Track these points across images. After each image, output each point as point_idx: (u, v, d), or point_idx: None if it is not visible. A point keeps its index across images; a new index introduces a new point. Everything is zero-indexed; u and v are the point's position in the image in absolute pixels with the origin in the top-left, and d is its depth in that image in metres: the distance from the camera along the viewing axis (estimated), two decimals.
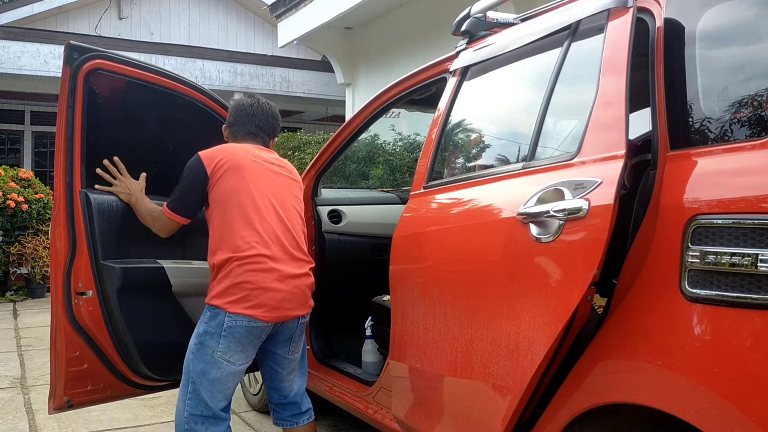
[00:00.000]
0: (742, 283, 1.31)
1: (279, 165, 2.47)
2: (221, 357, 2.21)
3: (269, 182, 2.36)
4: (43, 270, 7.75)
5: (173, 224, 2.38)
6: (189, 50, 9.73)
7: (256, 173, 2.33)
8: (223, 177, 2.28)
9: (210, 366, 2.22)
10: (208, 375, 2.22)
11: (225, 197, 2.27)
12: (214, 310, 2.22)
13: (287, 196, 2.41)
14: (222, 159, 2.31)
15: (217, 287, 2.23)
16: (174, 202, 2.36)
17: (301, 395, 2.49)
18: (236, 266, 2.20)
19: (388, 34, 7.43)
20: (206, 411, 2.24)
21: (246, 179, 2.30)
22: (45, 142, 10.77)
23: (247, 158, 2.35)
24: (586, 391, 1.62)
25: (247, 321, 2.19)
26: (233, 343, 2.21)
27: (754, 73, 1.53)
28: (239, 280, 2.19)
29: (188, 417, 2.25)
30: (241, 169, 2.31)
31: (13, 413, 3.69)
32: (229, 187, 2.28)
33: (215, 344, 2.21)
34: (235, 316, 2.18)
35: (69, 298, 2.45)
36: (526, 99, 2.14)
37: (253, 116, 2.50)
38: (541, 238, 1.67)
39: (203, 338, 2.23)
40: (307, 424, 2.49)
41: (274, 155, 2.51)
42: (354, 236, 3.40)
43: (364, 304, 3.15)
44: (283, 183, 2.43)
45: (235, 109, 2.53)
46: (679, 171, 1.51)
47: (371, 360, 3.04)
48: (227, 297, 2.20)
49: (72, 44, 2.45)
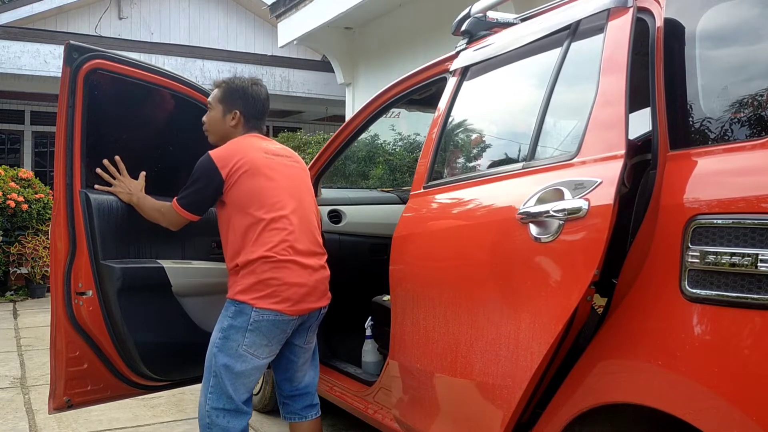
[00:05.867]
0: (742, 283, 1.31)
1: (287, 156, 2.47)
2: (246, 351, 2.23)
3: (285, 178, 2.36)
4: (43, 270, 7.75)
5: (184, 220, 2.38)
6: (189, 50, 9.73)
7: (273, 172, 2.33)
8: (240, 180, 2.27)
9: (235, 360, 2.24)
10: (233, 369, 2.24)
11: (245, 200, 2.27)
12: (240, 305, 2.23)
13: (303, 189, 2.43)
14: (237, 161, 2.29)
15: (243, 282, 2.24)
16: (185, 199, 2.34)
17: (313, 386, 2.50)
18: (261, 263, 2.22)
19: (388, 34, 7.43)
20: (229, 404, 2.26)
21: (265, 180, 2.29)
22: (45, 142, 10.76)
23: (261, 157, 2.34)
24: (586, 391, 1.62)
25: (273, 315, 2.22)
26: (259, 337, 2.23)
27: (754, 73, 1.53)
28: (266, 276, 2.21)
29: (210, 410, 2.27)
30: (258, 171, 2.30)
31: (13, 413, 3.69)
32: (248, 189, 2.27)
33: (241, 338, 2.22)
34: (262, 311, 2.21)
35: (69, 298, 2.45)
36: (526, 99, 2.14)
37: (259, 101, 2.48)
38: (540, 238, 1.67)
39: (228, 332, 2.24)
40: (316, 419, 2.50)
41: (278, 145, 2.50)
42: (354, 236, 3.40)
43: (364, 304, 3.15)
44: (296, 176, 2.43)
45: (243, 93, 2.46)
46: (679, 171, 1.51)
47: (371, 360, 3.04)
48: (254, 293, 2.22)
49: (72, 44, 2.45)
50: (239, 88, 2.47)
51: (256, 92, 2.48)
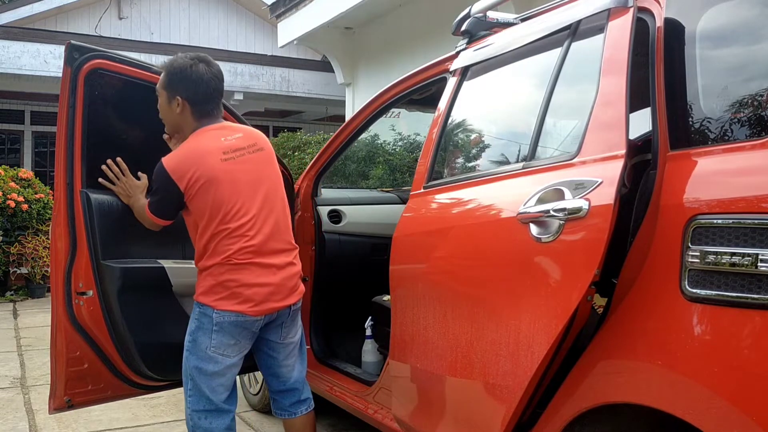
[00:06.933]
0: (742, 283, 1.32)
1: (250, 145, 2.32)
2: (215, 352, 2.22)
3: (246, 176, 2.25)
4: (43, 270, 7.75)
5: (157, 224, 2.36)
6: (189, 50, 9.70)
7: (232, 175, 2.23)
8: (198, 193, 2.20)
9: (206, 362, 2.23)
10: (205, 370, 2.23)
11: (206, 212, 2.21)
12: (203, 307, 2.22)
13: (267, 180, 2.32)
14: (193, 174, 2.19)
15: (203, 284, 2.23)
16: (153, 206, 2.32)
17: (301, 382, 2.46)
18: (218, 266, 2.19)
19: (388, 34, 7.43)
20: (208, 405, 2.25)
21: (224, 189, 2.20)
22: (45, 142, 10.76)
23: (217, 163, 2.22)
24: (586, 391, 1.62)
25: (234, 317, 2.19)
26: (225, 337, 2.21)
27: (754, 73, 1.53)
28: (223, 278, 2.19)
29: (191, 413, 2.27)
30: (216, 180, 2.20)
31: (13, 413, 3.69)
32: (207, 201, 2.20)
33: (208, 340, 2.21)
34: (223, 312, 2.18)
35: (69, 298, 2.45)
36: (527, 99, 2.14)
37: (202, 83, 2.26)
38: (541, 238, 1.67)
39: (195, 335, 2.24)
40: (306, 414, 2.46)
41: (239, 132, 2.34)
42: (354, 236, 3.40)
43: (364, 304, 3.15)
44: (259, 168, 2.31)
45: (182, 76, 2.25)
46: (679, 171, 1.51)
47: (371, 360, 3.05)
48: (214, 295, 2.20)
49: (73, 44, 2.45)
50: (177, 70, 2.27)
51: (198, 73, 2.25)
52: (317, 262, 3.25)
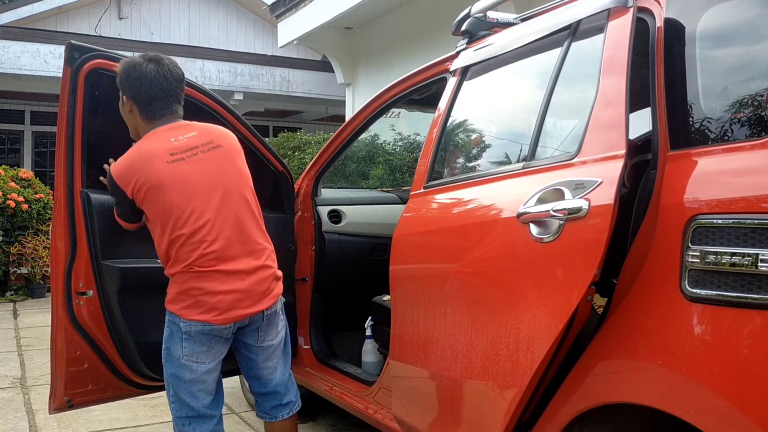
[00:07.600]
0: (742, 283, 1.32)
1: (204, 143, 2.19)
2: (189, 360, 2.16)
3: (199, 177, 2.14)
4: (43, 270, 7.76)
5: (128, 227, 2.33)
6: (189, 50, 9.73)
7: (181, 177, 2.12)
8: (146, 199, 2.12)
9: (182, 369, 2.17)
10: (183, 378, 2.18)
11: (158, 218, 2.13)
12: (171, 315, 2.17)
13: (226, 178, 2.19)
14: (137, 182, 2.11)
15: (170, 292, 2.18)
16: (117, 209, 2.30)
17: (283, 385, 2.36)
18: (182, 274, 2.13)
19: (388, 34, 7.43)
20: (190, 412, 2.20)
21: (172, 193, 2.10)
22: (45, 142, 10.77)
23: (163, 167, 2.11)
24: (586, 391, 1.62)
25: (201, 326, 2.12)
26: (197, 344, 2.15)
27: (754, 73, 1.53)
28: (187, 286, 2.12)
29: (176, 420, 2.24)
30: (162, 185, 2.10)
31: (13, 413, 3.69)
32: (156, 208, 2.12)
33: (180, 349, 2.15)
34: (189, 322, 2.12)
35: (69, 297, 2.45)
36: (527, 99, 2.14)
37: (145, 82, 2.17)
38: (541, 238, 1.67)
39: (168, 343, 2.19)
40: (286, 419, 2.37)
41: (192, 132, 2.21)
42: (354, 236, 3.40)
43: (364, 304, 3.16)
44: (215, 167, 2.18)
45: (126, 75, 2.19)
46: (679, 171, 1.51)
47: (371, 360, 3.05)
48: (179, 303, 2.14)
49: (73, 44, 2.45)
50: (123, 69, 2.22)
51: (142, 72, 2.17)
52: (317, 262, 3.25)
